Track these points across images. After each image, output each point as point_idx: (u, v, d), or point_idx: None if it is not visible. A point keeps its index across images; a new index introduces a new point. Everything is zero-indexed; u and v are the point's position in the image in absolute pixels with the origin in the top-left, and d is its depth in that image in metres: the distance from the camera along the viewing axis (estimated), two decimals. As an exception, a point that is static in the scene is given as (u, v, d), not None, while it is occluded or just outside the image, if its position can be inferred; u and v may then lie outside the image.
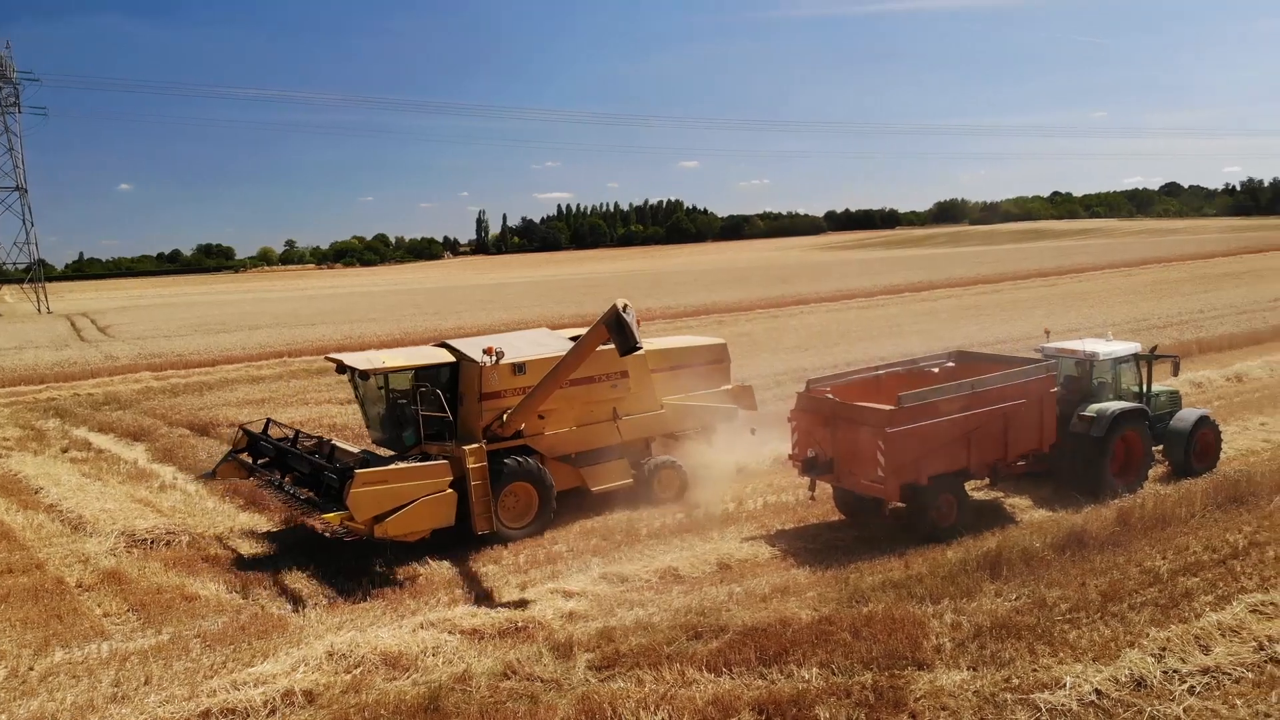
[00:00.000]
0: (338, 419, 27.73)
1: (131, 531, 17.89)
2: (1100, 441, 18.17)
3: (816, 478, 17.28)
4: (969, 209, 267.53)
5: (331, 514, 15.75)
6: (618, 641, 12.74)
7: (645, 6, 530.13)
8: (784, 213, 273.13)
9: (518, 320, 54.81)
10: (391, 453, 18.28)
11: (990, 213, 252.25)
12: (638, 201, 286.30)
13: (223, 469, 19.70)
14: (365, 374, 17.71)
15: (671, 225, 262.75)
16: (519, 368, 18.03)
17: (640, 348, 16.40)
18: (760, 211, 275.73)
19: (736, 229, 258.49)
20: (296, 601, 15.16)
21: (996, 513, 17.99)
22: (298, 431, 19.98)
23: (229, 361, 42.95)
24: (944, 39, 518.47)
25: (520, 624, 13.63)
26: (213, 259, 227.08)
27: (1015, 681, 11.25)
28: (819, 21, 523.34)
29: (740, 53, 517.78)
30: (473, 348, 18.19)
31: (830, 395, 17.25)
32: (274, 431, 20.09)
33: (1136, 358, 19.68)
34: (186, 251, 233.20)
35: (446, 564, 16.60)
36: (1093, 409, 18.53)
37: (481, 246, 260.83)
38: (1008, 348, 31.66)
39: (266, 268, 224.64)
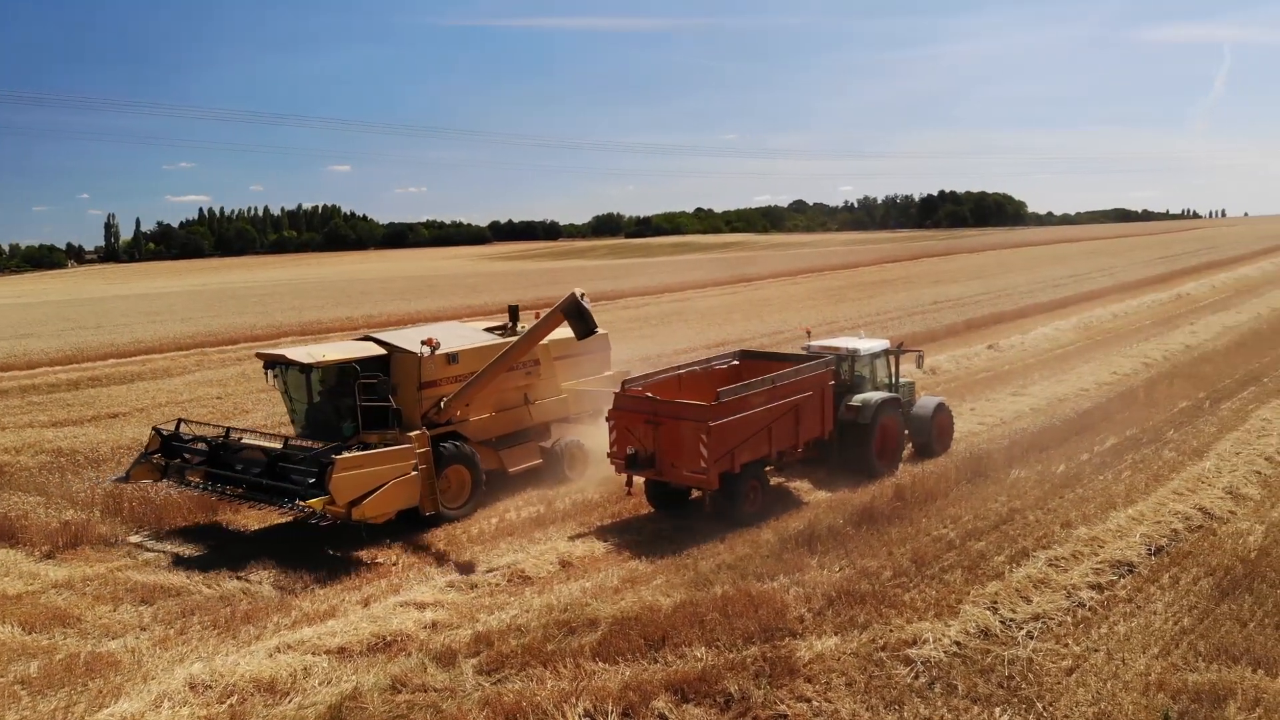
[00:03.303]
0: (66, 442, 24.79)
1: None
2: (867, 428, 20.18)
3: (637, 473, 17.88)
4: (625, 222, 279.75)
5: (314, 500, 15.94)
6: (496, 645, 12.68)
7: (285, 4, 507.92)
8: (448, 221, 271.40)
9: (205, 332, 51.13)
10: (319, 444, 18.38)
11: (644, 226, 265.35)
12: (289, 206, 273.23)
13: (136, 472, 19.09)
14: (308, 367, 18.10)
15: (329, 232, 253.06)
16: (452, 357, 19.08)
17: (597, 331, 17.85)
18: (422, 220, 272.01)
19: (400, 237, 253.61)
20: (112, 636, 13.79)
21: (787, 496, 19.46)
22: (228, 429, 19.64)
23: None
24: (594, 57, 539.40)
25: (387, 638, 13.17)
26: None
27: (881, 641, 12.44)
28: (473, 31, 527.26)
29: (390, 58, 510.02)
30: (403, 339, 19.28)
31: (650, 394, 17.95)
32: (185, 429, 19.91)
33: (888, 353, 22.01)
34: None
35: (267, 586, 15.74)
36: (858, 399, 20.56)
37: (111, 254, 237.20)
38: (731, 349, 33.70)
39: None
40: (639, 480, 18.40)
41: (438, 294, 78.87)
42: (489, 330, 21.17)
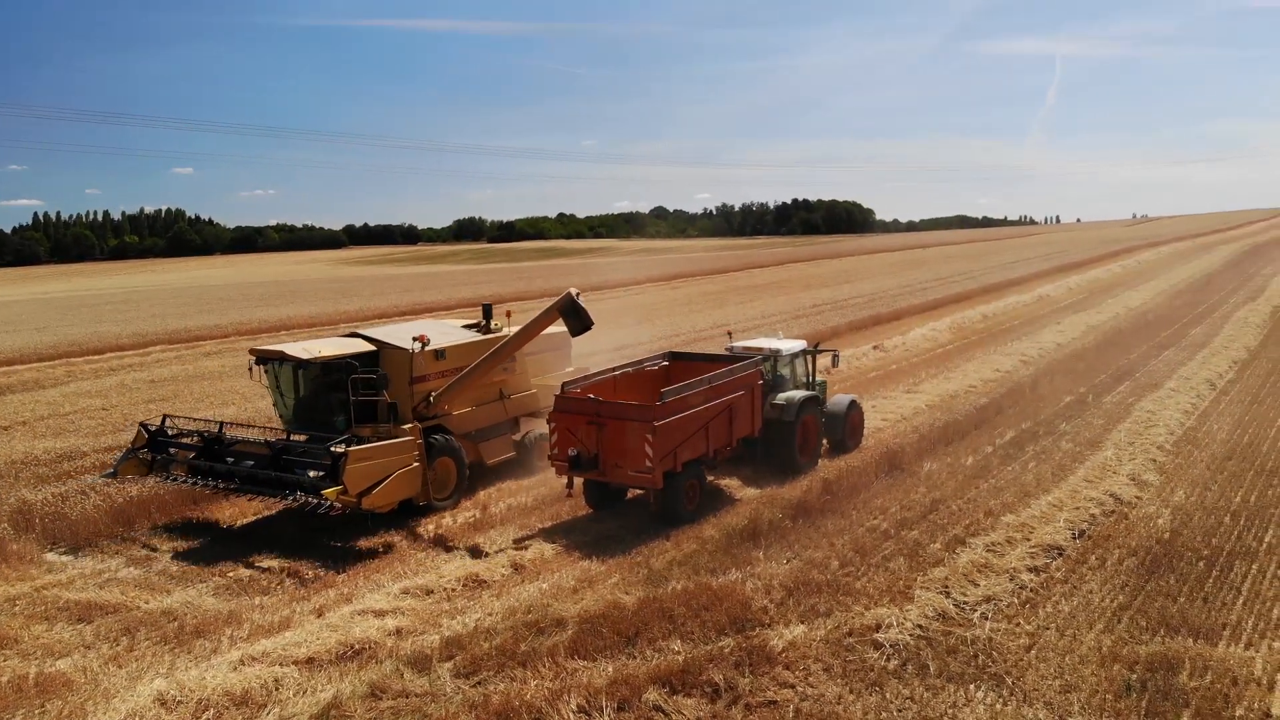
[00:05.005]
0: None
1: None
2: (790, 425, 20.77)
3: (580, 474, 17.97)
4: (487, 227, 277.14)
5: (330, 490, 16.32)
6: (469, 648, 12.65)
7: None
8: (299, 225, 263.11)
9: (66, 342, 48.02)
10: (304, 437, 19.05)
11: (507, 231, 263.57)
12: (129, 210, 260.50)
13: (123, 468, 19.20)
14: (305, 363, 18.61)
15: (174, 236, 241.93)
16: (440, 353, 19.76)
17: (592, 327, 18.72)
18: (271, 223, 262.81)
19: (248, 241, 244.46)
20: (56, 655, 13.21)
21: (720, 494, 19.83)
22: (221, 424, 19.77)
23: None
24: (451, 60, 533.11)
25: (354, 646, 13.00)
26: None
27: (846, 628, 12.92)
28: (324, 30, 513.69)
29: (234, 56, 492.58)
30: (391, 336, 19.85)
31: (593, 396, 18.07)
32: (170, 425, 20.14)
33: (805, 352, 22.73)
34: None
35: (209, 598, 15.28)
36: (781, 398, 21.15)
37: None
38: (633, 351, 33.99)
39: None
40: (578, 481, 18.50)
41: (304, 299, 76.43)
42: (466, 328, 21.78)
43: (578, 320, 18.73)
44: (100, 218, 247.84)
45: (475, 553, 16.74)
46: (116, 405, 29.65)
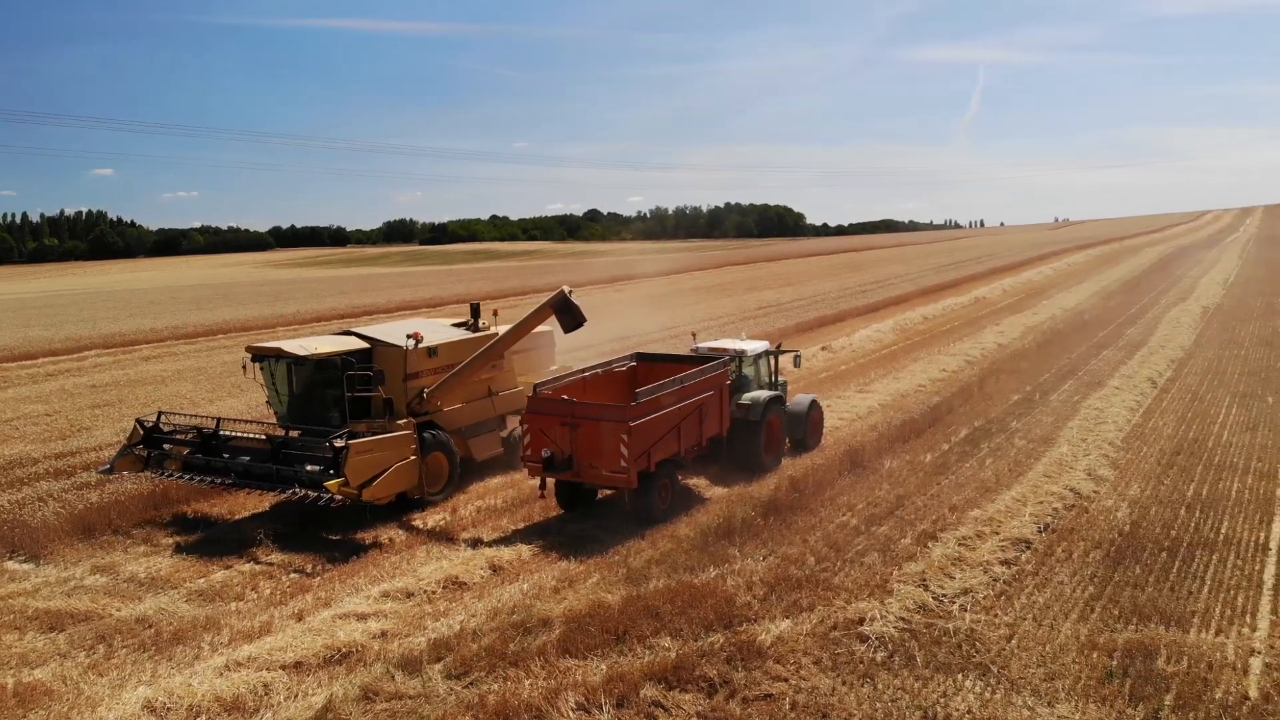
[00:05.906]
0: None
1: None
2: (756, 425, 21.03)
3: (554, 475, 17.98)
4: (418, 229, 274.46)
5: (332, 482, 16.74)
6: (457, 650, 12.65)
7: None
8: (224, 227, 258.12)
9: (7, 346, 46.67)
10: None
11: (439, 233, 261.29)
12: (49, 212, 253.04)
13: (119, 464, 19.39)
14: (302, 360, 18.98)
15: (95, 239, 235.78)
16: (433, 351, 20.24)
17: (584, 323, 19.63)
18: (195, 225, 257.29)
19: (172, 243, 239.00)
20: (32, 665, 12.94)
21: (688, 493, 19.97)
22: (219, 419, 19.93)
23: None
24: (378, 60, 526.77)
25: (341, 650, 12.89)
26: None
27: (831, 622, 13.16)
28: (247, 30, 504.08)
29: (153, 55, 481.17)
30: (385, 334, 20.27)
31: (567, 396, 18.11)
32: (165, 422, 20.25)
33: (769, 353, 23.02)
34: None
35: (182, 604, 15.03)
36: (747, 397, 21.41)
37: None
38: (586, 353, 33.97)
39: None
40: (550, 482, 18.51)
41: (237, 302, 75.07)
42: (455, 326, 22.16)
43: (570, 317, 19.33)
44: (18, 220, 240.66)
45: (452, 555, 16.66)
46: (60, 411, 28.92)
